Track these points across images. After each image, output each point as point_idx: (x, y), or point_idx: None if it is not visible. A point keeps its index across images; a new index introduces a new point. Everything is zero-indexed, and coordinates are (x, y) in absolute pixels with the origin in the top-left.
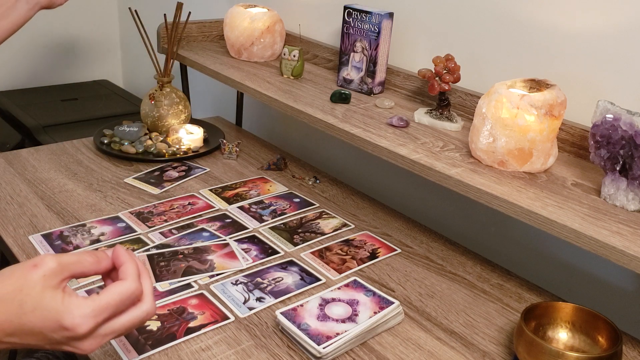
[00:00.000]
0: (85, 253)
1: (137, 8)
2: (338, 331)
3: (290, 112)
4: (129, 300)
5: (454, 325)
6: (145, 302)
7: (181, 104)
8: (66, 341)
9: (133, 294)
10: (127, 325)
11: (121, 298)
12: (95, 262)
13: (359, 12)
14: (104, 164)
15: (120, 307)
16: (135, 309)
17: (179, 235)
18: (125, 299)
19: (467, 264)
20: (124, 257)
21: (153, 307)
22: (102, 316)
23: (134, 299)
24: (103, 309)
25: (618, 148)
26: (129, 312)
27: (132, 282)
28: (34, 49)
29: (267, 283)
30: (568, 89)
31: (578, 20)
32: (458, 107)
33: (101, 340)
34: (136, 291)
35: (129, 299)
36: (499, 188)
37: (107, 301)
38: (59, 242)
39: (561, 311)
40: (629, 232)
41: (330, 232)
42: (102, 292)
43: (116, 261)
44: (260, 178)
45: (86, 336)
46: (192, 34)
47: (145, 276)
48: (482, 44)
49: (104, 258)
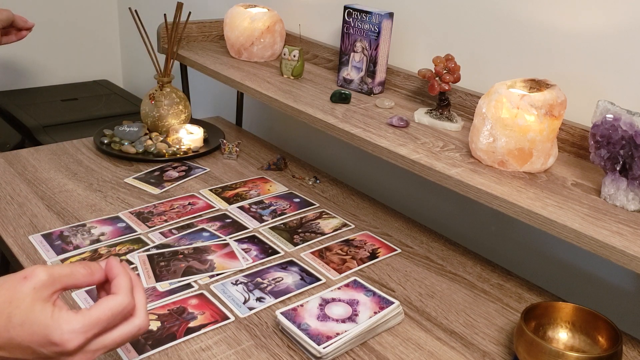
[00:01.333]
0: (78, 264)
1: (137, 8)
2: (338, 331)
3: (290, 112)
4: (121, 315)
5: (454, 325)
6: (138, 317)
7: (181, 104)
8: (55, 356)
9: (125, 309)
10: (118, 341)
11: (112, 313)
12: (88, 274)
13: (359, 12)
14: (104, 164)
15: (111, 322)
16: (126, 324)
17: (179, 235)
18: (117, 313)
19: (467, 264)
20: (117, 270)
21: (145, 321)
22: (92, 332)
23: (125, 313)
24: (93, 325)
25: (618, 148)
26: (120, 327)
27: (124, 297)
28: (34, 49)
29: (267, 283)
30: (568, 89)
31: (578, 20)
32: (458, 107)
33: (91, 355)
34: (128, 306)
35: (121, 314)
36: (499, 188)
37: (97, 316)
38: (59, 242)
39: (561, 311)
40: (629, 232)
41: (330, 232)
42: (93, 306)
43: (109, 274)
44: (260, 178)
45: (76, 352)
46: (192, 34)
47: (139, 290)
48: (482, 44)
49: (97, 270)
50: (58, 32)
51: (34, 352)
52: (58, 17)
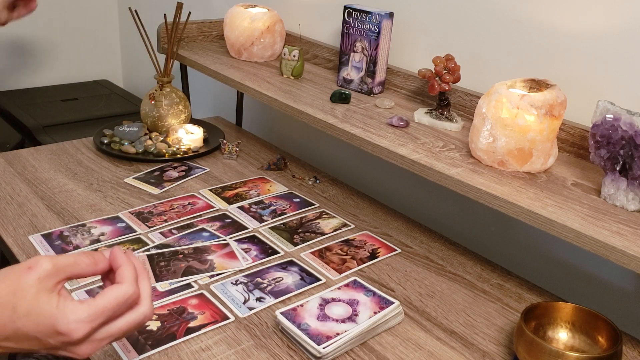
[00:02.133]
0: (82, 254)
1: (137, 8)
2: (338, 331)
3: (290, 112)
4: (126, 304)
5: (454, 325)
6: (143, 305)
7: (181, 104)
8: (62, 346)
9: (130, 298)
10: (124, 329)
11: (117, 302)
12: (92, 263)
13: (359, 12)
14: (104, 164)
15: (117, 311)
16: (132, 313)
17: (179, 235)
18: (122, 302)
19: (467, 264)
20: (121, 260)
21: (150, 310)
22: (98, 321)
23: (130, 302)
24: (99, 314)
25: (618, 148)
26: (125, 316)
27: (129, 286)
28: (34, 49)
29: (267, 283)
30: (568, 89)
31: (578, 20)
32: (458, 107)
33: (97, 344)
34: (133, 295)
35: (126, 303)
36: (499, 188)
37: (103, 305)
38: (59, 242)
39: (561, 311)
40: (629, 232)
41: (330, 232)
42: (98, 295)
43: (113, 263)
44: (260, 178)
45: (82, 341)
46: (192, 34)
47: (144, 278)
48: (482, 44)
49: (101, 260)
50: (58, 32)
51: (41, 342)
52: (58, 17)
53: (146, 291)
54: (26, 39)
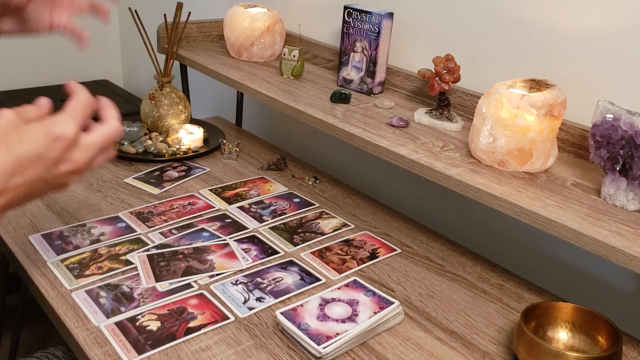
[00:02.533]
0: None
1: (137, 8)
2: (338, 331)
3: (290, 112)
4: (90, 107)
5: (454, 325)
6: (110, 120)
7: (181, 104)
8: (62, 155)
9: (91, 100)
10: (100, 136)
11: (83, 105)
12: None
13: (359, 12)
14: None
15: (87, 113)
16: (102, 126)
17: (179, 235)
18: (86, 104)
19: (467, 264)
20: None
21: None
22: (77, 119)
23: (93, 104)
24: (76, 114)
25: (618, 148)
26: (97, 129)
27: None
28: (34, 49)
29: (267, 283)
30: (568, 89)
31: (578, 20)
32: (458, 107)
33: (86, 152)
34: (91, 99)
35: (90, 104)
36: (499, 188)
37: (72, 107)
38: (59, 242)
39: (561, 311)
40: (629, 232)
41: (330, 232)
42: None
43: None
44: (260, 178)
45: (75, 142)
46: (192, 34)
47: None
48: (482, 44)
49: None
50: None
51: (44, 160)
52: None
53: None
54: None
